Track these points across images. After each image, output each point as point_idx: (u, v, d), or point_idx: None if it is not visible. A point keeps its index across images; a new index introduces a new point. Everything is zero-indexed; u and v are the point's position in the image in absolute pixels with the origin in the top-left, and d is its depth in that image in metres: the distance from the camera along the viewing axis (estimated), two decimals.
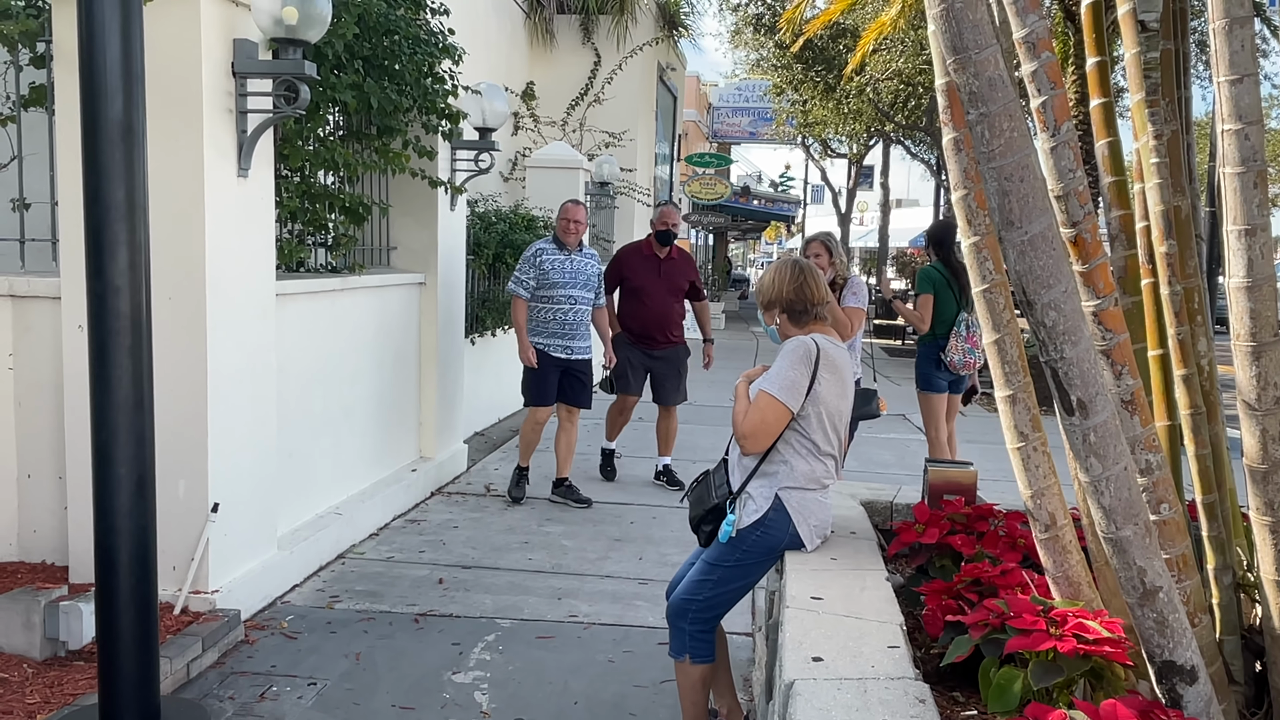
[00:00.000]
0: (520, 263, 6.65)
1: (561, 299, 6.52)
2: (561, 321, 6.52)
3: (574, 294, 6.55)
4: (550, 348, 6.54)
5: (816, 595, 2.81)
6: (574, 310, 6.55)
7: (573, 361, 6.60)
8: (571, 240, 6.62)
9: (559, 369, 6.57)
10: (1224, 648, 2.31)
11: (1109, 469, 1.92)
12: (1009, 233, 1.87)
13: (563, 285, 6.52)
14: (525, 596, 4.96)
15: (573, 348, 6.59)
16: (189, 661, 3.92)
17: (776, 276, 3.39)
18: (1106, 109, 2.73)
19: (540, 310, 6.55)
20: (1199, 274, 2.31)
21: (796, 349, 3.24)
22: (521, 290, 6.56)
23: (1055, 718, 1.81)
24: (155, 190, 4.01)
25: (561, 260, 6.56)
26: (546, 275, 6.51)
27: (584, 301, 6.61)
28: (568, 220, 6.61)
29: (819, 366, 3.21)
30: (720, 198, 20.70)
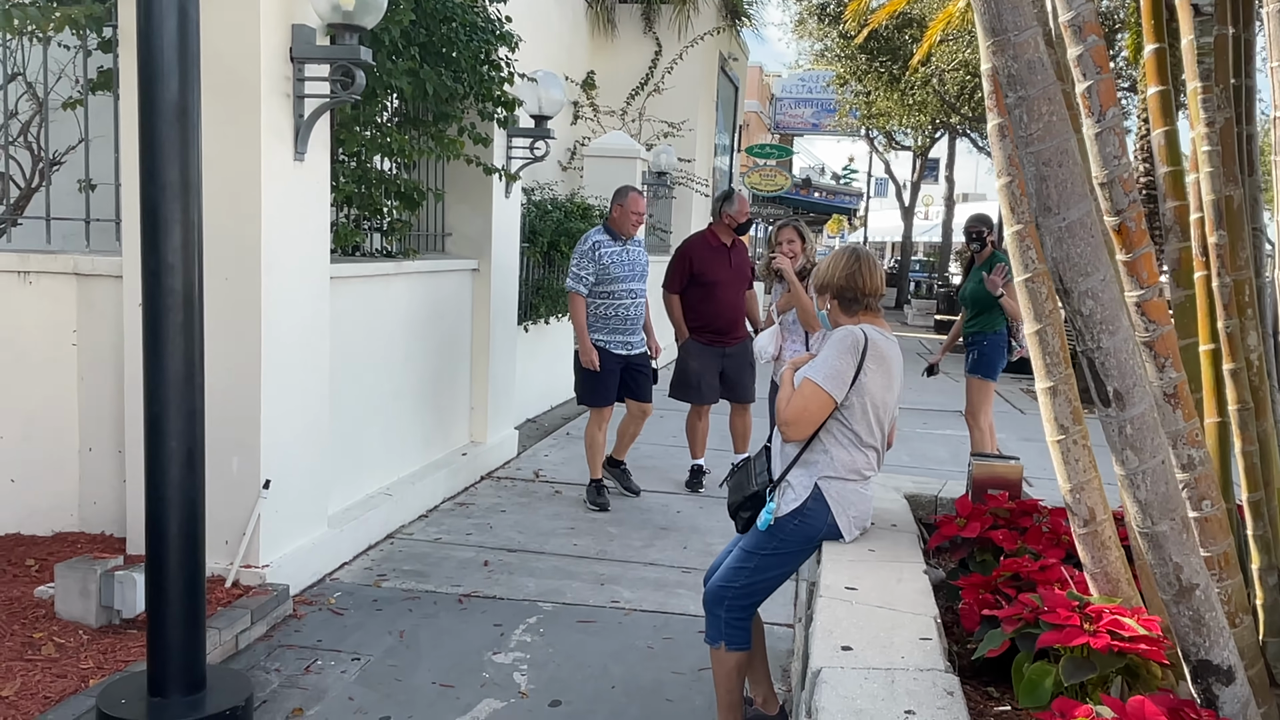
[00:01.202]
0: (577, 258, 6.33)
1: (623, 294, 6.28)
2: (623, 317, 6.29)
3: (634, 287, 6.33)
4: (611, 344, 6.30)
5: (851, 585, 2.79)
6: (635, 305, 6.33)
7: (633, 357, 6.39)
8: (633, 231, 6.37)
9: (619, 366, 6.34)
10: (1267, 650, 2.25)
11: (1145, 462, 1.87)
12: (1046, 219, 1.84)
13: (623, 279, 6.27)
14: (568, 581, 4.99)
15: (633, 343, 6.39)
16: (238, 633, 4.01)
17: (832, 262, 3.37)
18: (1164, 97, 2.66)
19: (601, 306, 6.28)
20: (1251, 266, 2.24)
21: (844, 338, 3.22)
22: (581, 287, 6.27)
23: (1082, 713, 1.78)
24: (213, 172, 4.12)
25: (619, 252, 6.29)
26: (607, 270, 6.23)
27: (642, 294, 6.40)
28: (637, 213, 6.33)
29: (866, 357, 3.19)
30: (780, 190, 20.54)
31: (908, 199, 32.04)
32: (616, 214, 6.36)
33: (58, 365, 4.57)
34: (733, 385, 6.80)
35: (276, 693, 3.73)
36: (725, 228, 6.80)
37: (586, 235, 6.46)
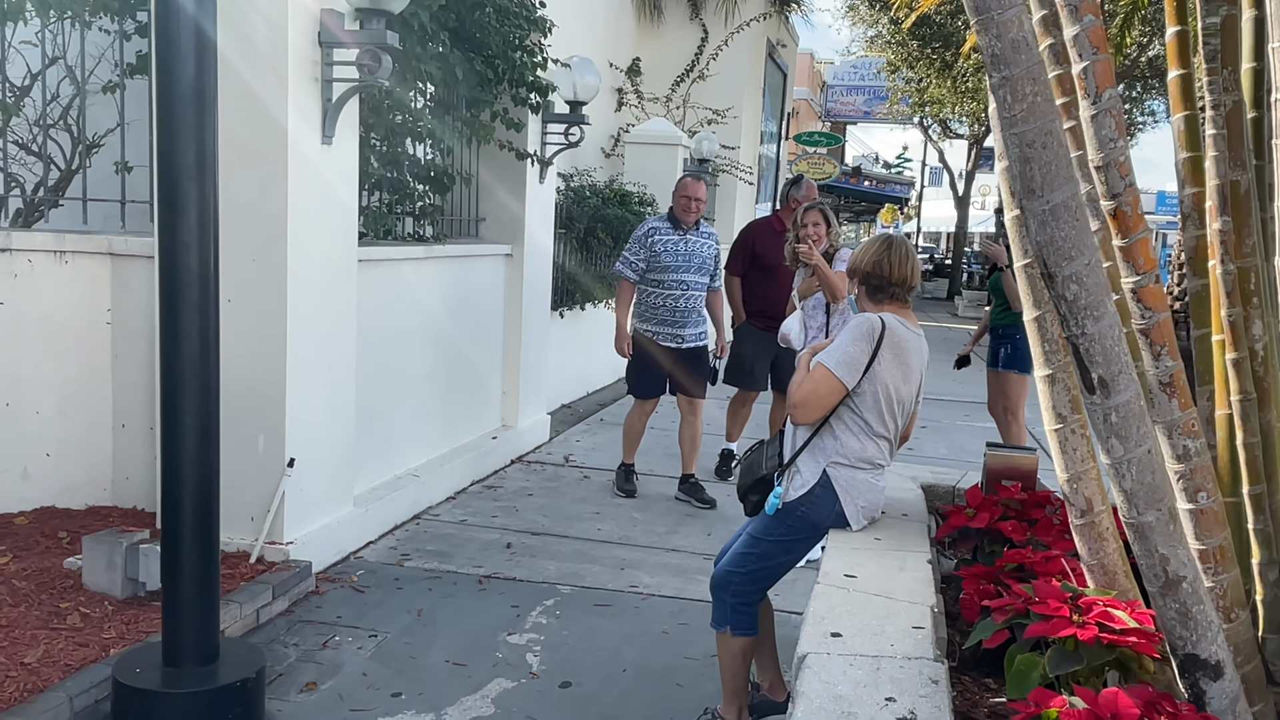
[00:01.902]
0: (630, 242, 6.17)
1: (673, 284, 6.03)
2: (672, 308, 6.05)
3: (687, 279, 6.05)
4: (659, 336, 6.11)
5: (850, 573, 2.77)
6: (686, 297, 6.06)
7: (684, 350, 6.12)
8: (690, 219, 6.09)
9: (669, 359, 6.11)
10: (1266, 646, 2.20)
11: (1131, 451, 1.83)
12: (1030, 201, 1.80)
13: (675, 269, 6.02)
14: (589, 565, 5.02)
15: (683, 336, 6.11)
16: (259, 608, 4.09)
17: (864, 247, 3.34)
18: (1185, 81, 2.59)
19: (649, 295, 6.09)
20: (1258, 254, 2.18)
21: (861, 325, 3.19)
22: (629, 272, 6.09)
23: (1057, 703, 1.76)
24: (241, 155, 4.20)
25: (675, 241, 6.05)
26: (658, 258, 6.01)
27: (698, 287, 6.10)
28: (687, 198, 6.07)
29: (881, 345, 3.14)
30: (829, 178, 20.35)
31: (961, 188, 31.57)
32: (674, 201, 6.17)
33: (92, 343, 4.68)
34: (782, 375, 6.55)
35: (293, 666, 3.80)
36: (791, 213, 6.73)
37: (645, 220, 6.34)
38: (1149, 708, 1.72)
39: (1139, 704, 1.70)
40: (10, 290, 4.48)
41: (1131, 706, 1.68)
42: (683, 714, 3.55)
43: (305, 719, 3.43)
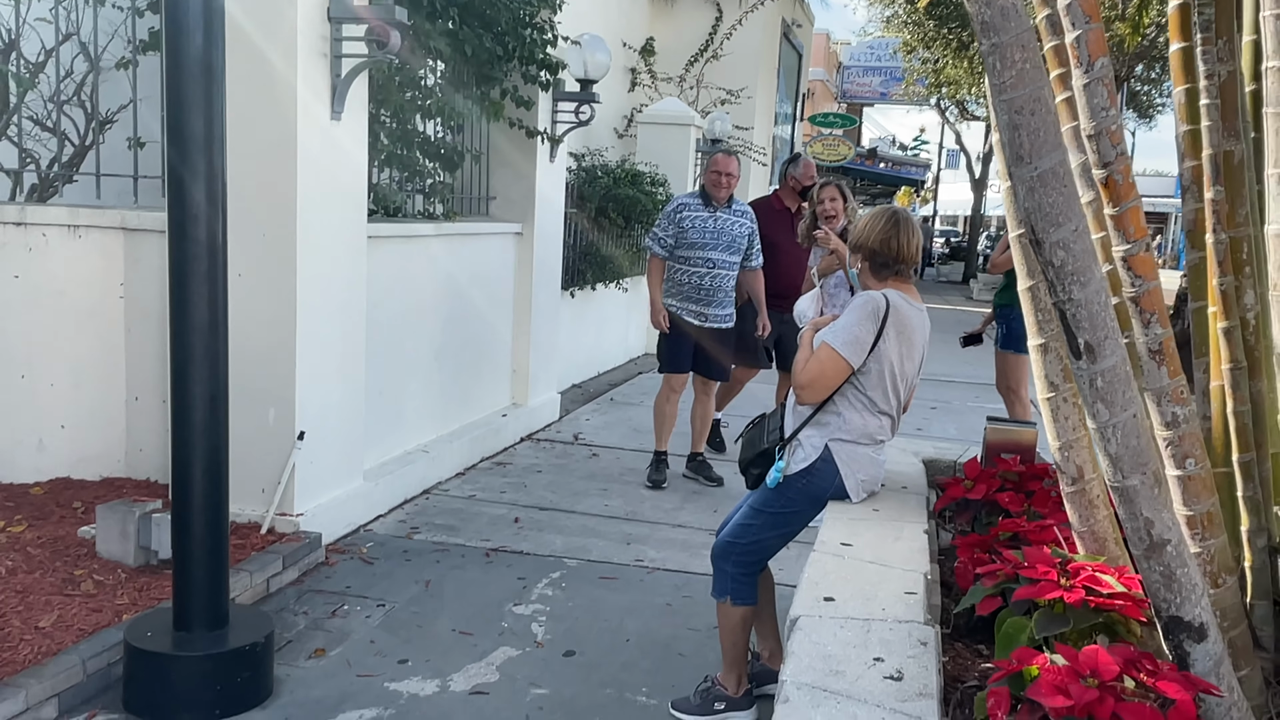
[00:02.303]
0: (660, 218, 6.10)
1: (699, 261, 5.93)
2: (696, 286, 5.95)
3: (713, 256, 5.94)
4: (684, 312, 6.01)
5: (846, 542, 2.80)
6: (712, 275, 5.95)
7: (707, 330, 6.01)
8: (721, 195, 5.94)
9: (692, 337, 6.03)
10: (1254, 612, 2.22)
11: (1116, 416, 1.86)
12: (1018, 168, 1.82)
13: (701, 246, 5.91)
14: (595, 539, 5.07)
15: (708, 315, 6.00)
16: (269, 577, 4.16)
17: (870, 222, 3.29)
18: (1186, 54, 2.59)
19: (676, 271, 6.00)
20: (1251, 223, 2.19)
21: (866, 304, 3.19)
22: (658, 248, 6.00)
23: (1039, 661, 1.79)
24: (250, 130, 4.25)
25: (704, 218, 5.93)
26: (685, 234, 5.90)
27: (725, 265, 5.98)
28: (718, 173, 5.93)
29: (886, 323, 3.15)
30: (843, 159, 20.30)
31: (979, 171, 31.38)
32: (705, 177, 6.06)
33: (106, 317, 4.74)
34: (786, 353, 6.55)
35: (302, 634, 3.86)
36: (790, 191, 6.71)
37: (676, 196, 6.21)
38: (1129, 665, 1.75)
39: (1119, 661, 1.73)
40: (25, 264, 4.54)
41: (1111, 663, 1.71)
42: (684, 682, 3.60)
43: (313, 684, 3.49)
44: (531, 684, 3.58)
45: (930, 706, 1.88)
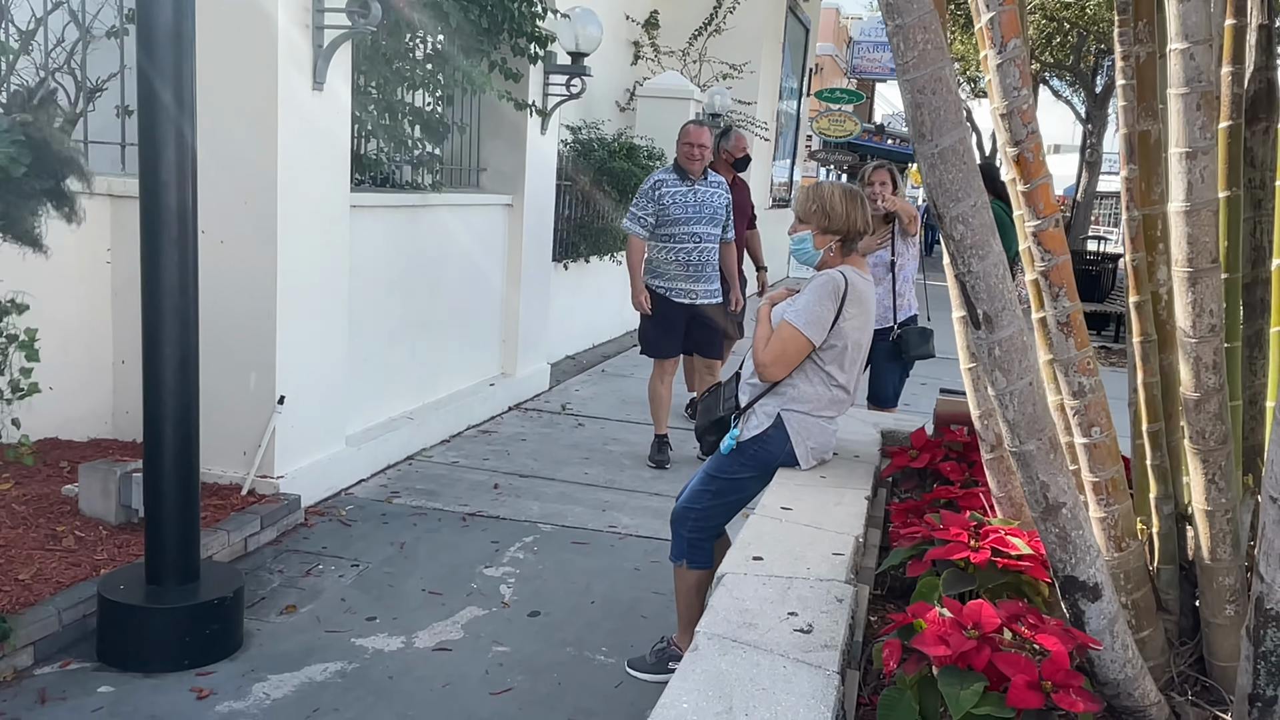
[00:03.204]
0: (637, 196, 5.95)
1: (684, 237, 5.80)
2: (684, 262, 5.83)
3: (698, 230, 5.82)
4: (671, 292, 5.88)
5: (786, 506, 2.89)
6: (699, 249, 5.84)
7: (698, 307, 5.90)
8: (695, 168, 5.83)
9: (684, 316, 5.92)
10: (1160, 576, 2.31)
11: (1013, 384, 1.94)
12: (921, 145, 1.89)
13: (685, 221, 5.79)
14: (572, 506, 5.18)
15: (697, 291, 5.89)
16: (246, 536, 4.28)
17: (847, 204, 3.31)
18: None
19: (661, 250, 5.86)
20: (1165, 201, 2.25)
21: (826, 284, 3.26)
22: (638, 228, 5.84)
23: (930, 615, 1.88)
24: (232, 99, 4.34)
25: (684, 193, 5.81)
26: (666, 210, 5.78)
27: (709, 239, 5.88)
28: (690, 144, 5.79)
29: (845, 301, 3.24)
30: (849, 135, 20.22)
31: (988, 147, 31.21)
32: (678, 150, 5.92)
33: (93, 282, 4.85)
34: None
35: (275, 591, 3.99)
36: (724, 164, 6.77)
37: (652, 174, 6.15)
38: (1012, 619, 1.84)
39: (1002, 615, 1.82)
40: None
41: (994, 616, 1.80)
42: (642, 642, 3.71)
43: (282, 638, 3.61)
44: (494, 641, 3.70)
45: (832, 657, 1.97)
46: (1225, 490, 2.13)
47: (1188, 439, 2.12)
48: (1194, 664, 2.25)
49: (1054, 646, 1.75)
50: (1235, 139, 2.22)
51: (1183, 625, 2.32)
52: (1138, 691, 2.04)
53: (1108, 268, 15.01)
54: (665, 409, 6.11)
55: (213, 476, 4.61)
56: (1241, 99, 2.27)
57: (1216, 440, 2.10)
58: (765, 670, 1.89)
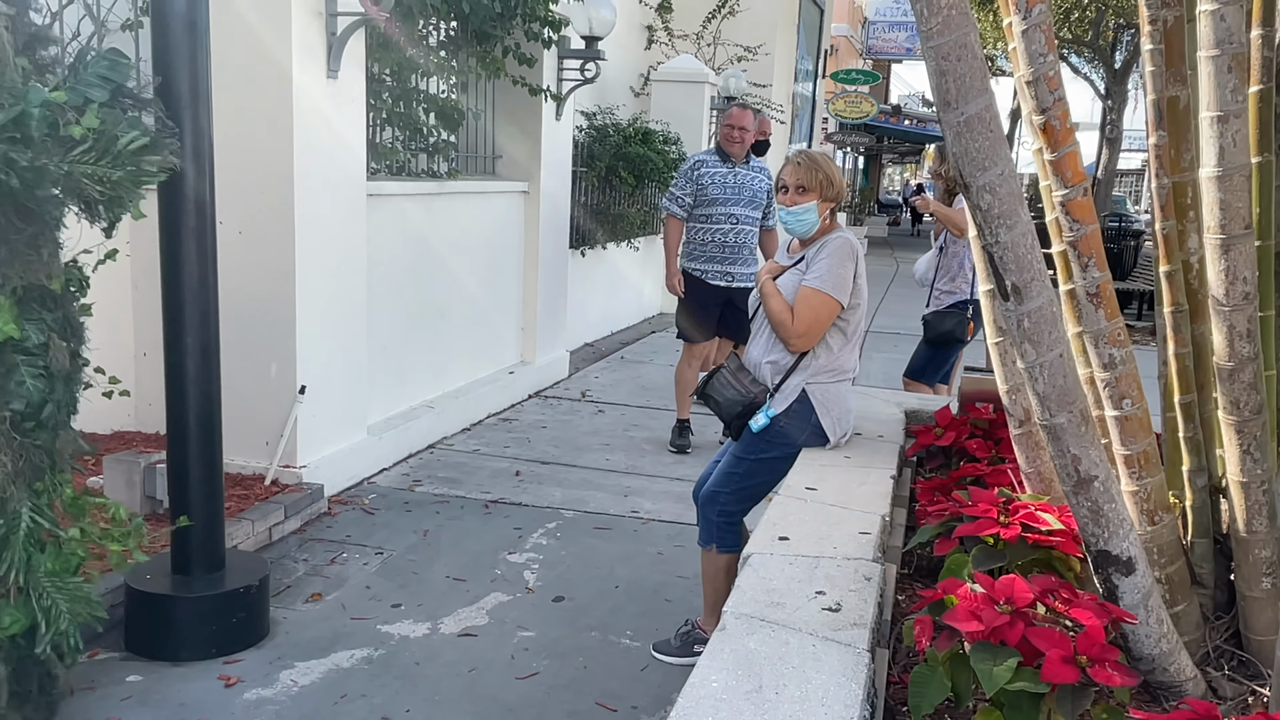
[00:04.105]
0: (677, 177, 5.94)
1: (721, 218, 5.77)
2: (721, 244, 5.79)
3: (736, 212, 5.78)
4: (707, 274, 5.84)
5: (812, 486, 2.87)
6: (736, 231, 5.79)
7: (735, 290, 5.82)
8: (737, 151, 5.80)
9: (719, 299, 5.85)
10: (1194, 550, 2.27)
11: (1043, 355, 1.90)
12: (946, 113, 1.86)
13: (723, 202, 5.76)
14: (594, 492, 5.17)
15: (734, 274, 5.82)
16: (271, 525, 4.29)
17: (833, 172, 3.39)
18: None
19: (698, 231, 5.83)
20: (1195, 168, 2.21)
21: (842, 246, 3.30)
22: (676, 208, 5.83)
23: (961, 591, 1.85)
24: (246, 89, 4.33)
25: (724, 174, 5.79)
26: (705, 191, 5.75)
27: (748, 221, 5.83)
28: (731, 127, 5.79)
29: (858, 261, 3.31)
30: (866, 116, 20.12)
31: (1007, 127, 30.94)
32: (720, 132, 5.91)
33: (113, 274, 4.84)
34: None
35: (301, 579, 4.00)
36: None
37: (691, 155, 6.03)
38: (1045, 594, 1.81)
39: (1035, 590, 1.80)
40: None
41: (1026, 591, 1.78)
42: (667, 626, 3.70)
43: (308, 625, 3.62)
44: (519, 626, 3.69)
45: (861, 635, 1.95)
46: (1260, 461, 2.09)
47: (1221, 409, 2.09)
48: (1230, 638, 2.22)
49: (1089, 621, 1.72)
50: (1266, 103, 2.17)
51: (1218, 599, 2.28)
52: (1173, 666, 2.01)
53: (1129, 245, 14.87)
54: (689, 392, 6.05)
55: (236, 467, 4.63)
56: (1272, 62, 2.22)
57: (1251, 410, 2.06)
58: (794, 649, 1.87)
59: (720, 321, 5.95)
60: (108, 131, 2.52)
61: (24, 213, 2.40)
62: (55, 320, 2.66)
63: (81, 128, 2.47)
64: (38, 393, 2.54)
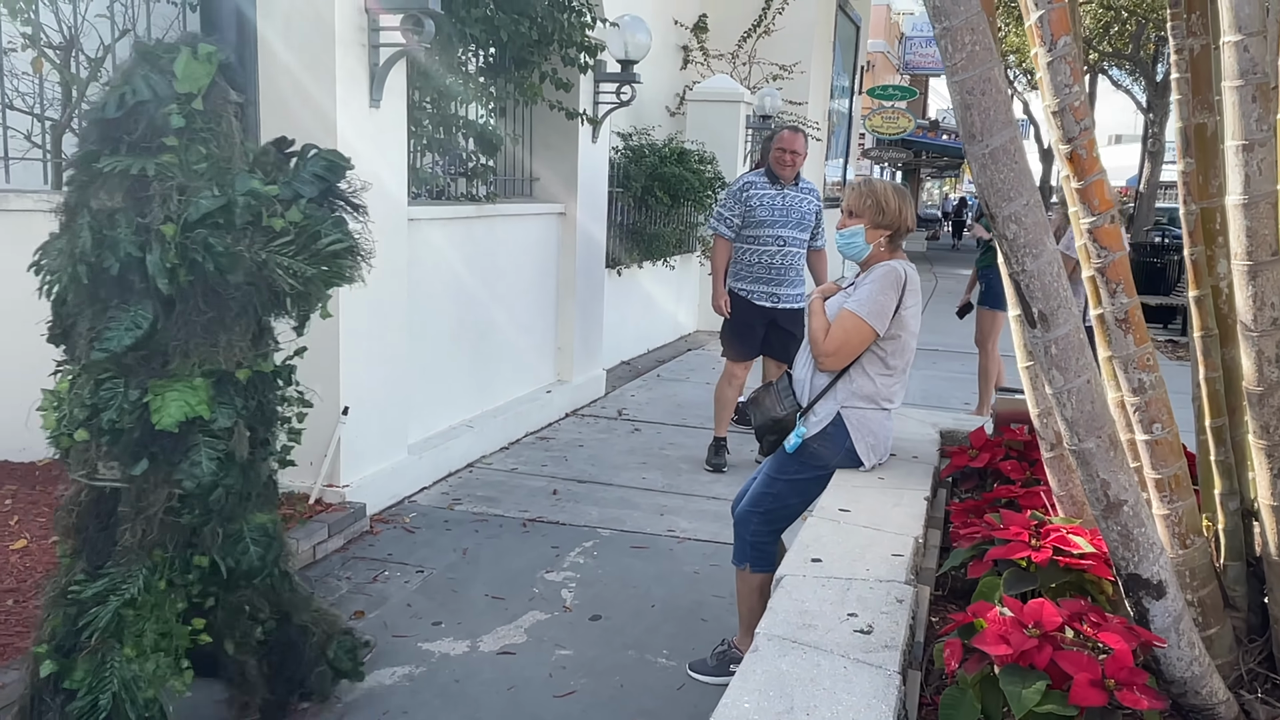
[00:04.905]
0: (724, 197, 6.01)
1: (769, 239, 5.81)
2: (767, 265, 5.83)
3: (784, 234, 5.81)
4: (753, 294, 5.87)
5: (844, 508, 2.90)
6: (783, 253, 5.82)
7: (779, 311, 5.85)
8: (787, 173, 5.84)
9: (764, 319, 5.89)
10: (1226, 573, 2.28)
11: (1071, 381, 1.93)
12: (971, 146, 1.90)
13: (770, 224, 5.80)
14: (630, 511, 5.22)
15: (780, 295, 5.85)
16: (315, 544, 4.39)
17: (899, 199, 3.38)
18: None
19: (745, 252, 5.87)
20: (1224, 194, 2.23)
21: (888, 274, 3.29)
22: (724, 229, 5.88)
23: (991, 615, 1.88)
24: (292, 118, 4.44)
25: (773, 196, 5.82)
26: (753, 212, 5.80)
27: (795, 243, 5.86)
28: (783, 150, 5.81)
29: (905, 291, 3.28)
30: (903, 132, 20.09)
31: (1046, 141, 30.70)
32: (770, 155, 5.91)
33: None
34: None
35: (344, 597, 4.08)
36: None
37: (741, 175, 6.19)
38: (1074, 617, 1.84)
39: (1064, 614, 1.82)
40: None
41: (1055, 614, 1.80)
42: (703, 645, 3.73)
43: None
44: (557, 645, 3.75)
45: (893, 657, 1.98)
46: None
47: (1252, 434, 2.10)
48: (1263, 661, 2.22)
49: (1117, 644, 1.75)
50: None
51: (1251, 622, 2.29)
52: (1205, 689, 2.02)
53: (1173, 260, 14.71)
54: (729, 412, 6.11)
55: (283, 486, 4.71)
56: None
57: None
58: (826, 671, 1.91)
59: (765, 342, 5.99)
60: (310, 228, 2.62)
61: (211, 297, 2.50)
62: (249, 408, 2.72)
63: (284, 220, 2.56)
64: (209, 475, 2.61)
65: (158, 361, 2.59)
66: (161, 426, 2.53)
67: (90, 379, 2.58)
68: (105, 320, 2.52)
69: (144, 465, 2.59)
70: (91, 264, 2.52)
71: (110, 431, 2.57)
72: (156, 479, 2.62)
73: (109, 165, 2.52)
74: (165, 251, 2.46)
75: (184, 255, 2.48)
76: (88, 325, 2.57)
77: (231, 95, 2.69)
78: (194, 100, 2.59)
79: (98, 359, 2.54)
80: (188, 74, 2.58)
